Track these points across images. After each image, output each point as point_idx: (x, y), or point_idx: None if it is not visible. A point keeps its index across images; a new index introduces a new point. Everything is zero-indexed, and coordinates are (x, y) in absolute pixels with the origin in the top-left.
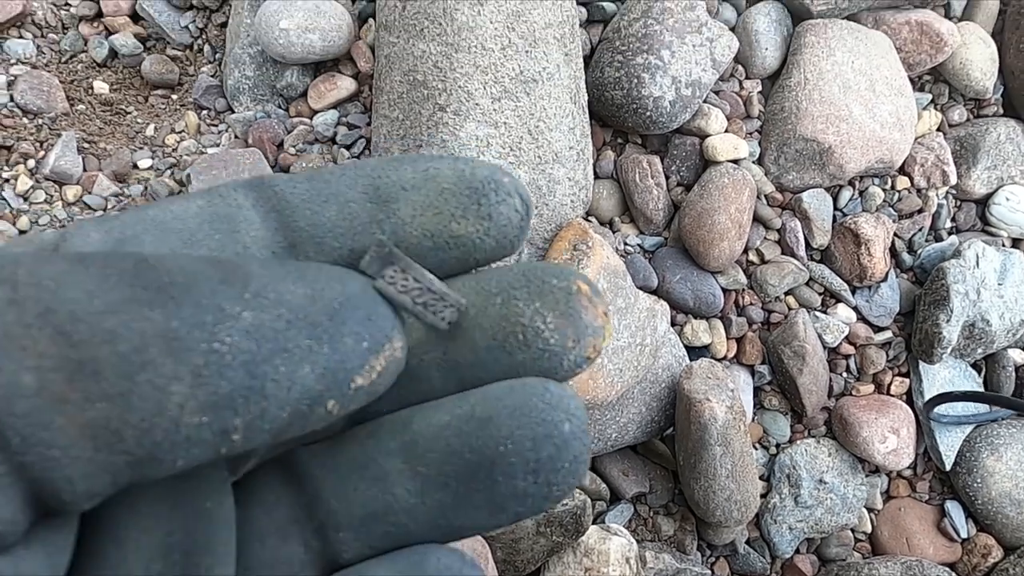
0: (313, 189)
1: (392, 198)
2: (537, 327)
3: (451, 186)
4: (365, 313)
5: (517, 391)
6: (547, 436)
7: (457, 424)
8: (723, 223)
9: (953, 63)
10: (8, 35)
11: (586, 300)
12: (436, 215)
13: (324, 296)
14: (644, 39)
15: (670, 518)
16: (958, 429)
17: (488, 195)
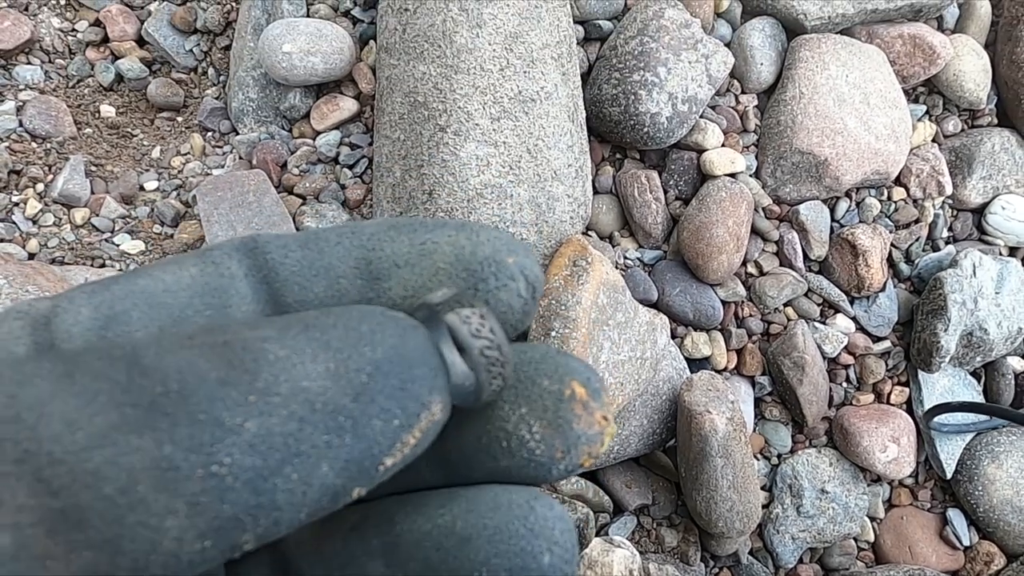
0: (305, 260)
1: (384, 275)
2: (522, 436)
3: (447, 266)
4: (399, 381)
5: (502, 511)
6: (524, 569)
7: (438, 537)
8: (721, 236)
9: (947, 75)
10: (17, 61)
11: (580, 407)
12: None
13: (350, 367)
14: (641, 56)
15: (673, 529)
16: (958, 437)
17: (487, 280)
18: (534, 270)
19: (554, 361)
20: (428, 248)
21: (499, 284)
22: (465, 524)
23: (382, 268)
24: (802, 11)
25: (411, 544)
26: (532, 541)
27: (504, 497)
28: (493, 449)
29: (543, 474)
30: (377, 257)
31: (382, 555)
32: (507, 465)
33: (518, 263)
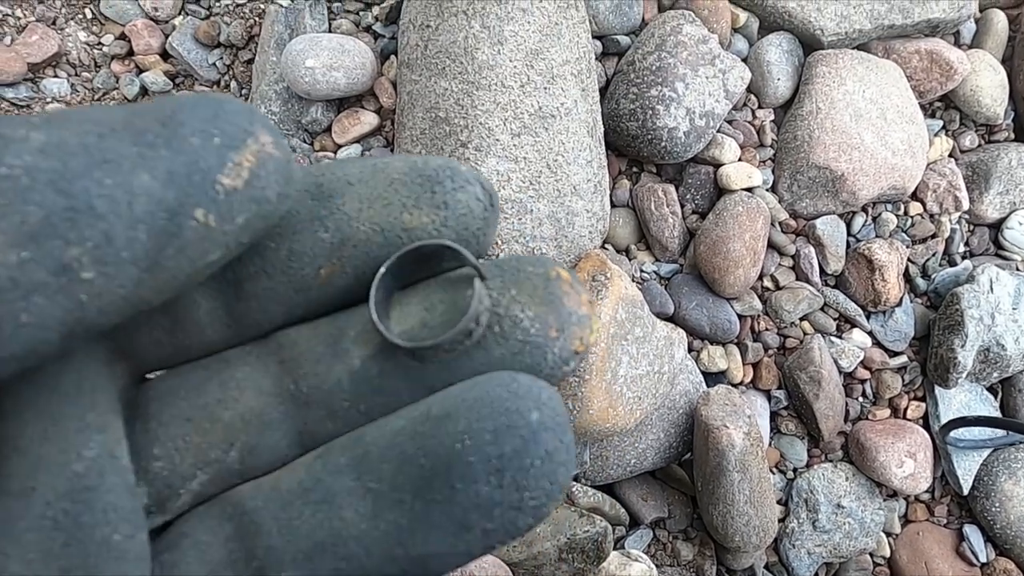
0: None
1: (336, 192)
2: (514, 315)
3: (401, 176)
4: (211, 111)
5: (481, 384)
6: (510, 427)
7: (411, 427)
8: (738, 250)
9: (964, 90)
10: (44, 75)
11: (567, 286)
12: (385, 206)
13: (151, 108)
14: (658, 72)
15: (689, 543)
16: (975, 453)
17: (443, 182)
18: (488, 182)
19: (533, 257)
20: (379, 166)
21: (456, 186)
22: (441, 406)
23: (334, 187)
24: (819, 27)
25: (383, 447)
26: (516, 401)
27: (483, 376)
28: (485, 338)
29: (538, 360)
30: (327, 180)
31: (351, 469)
32: (500, 355)
33: (471, 171)
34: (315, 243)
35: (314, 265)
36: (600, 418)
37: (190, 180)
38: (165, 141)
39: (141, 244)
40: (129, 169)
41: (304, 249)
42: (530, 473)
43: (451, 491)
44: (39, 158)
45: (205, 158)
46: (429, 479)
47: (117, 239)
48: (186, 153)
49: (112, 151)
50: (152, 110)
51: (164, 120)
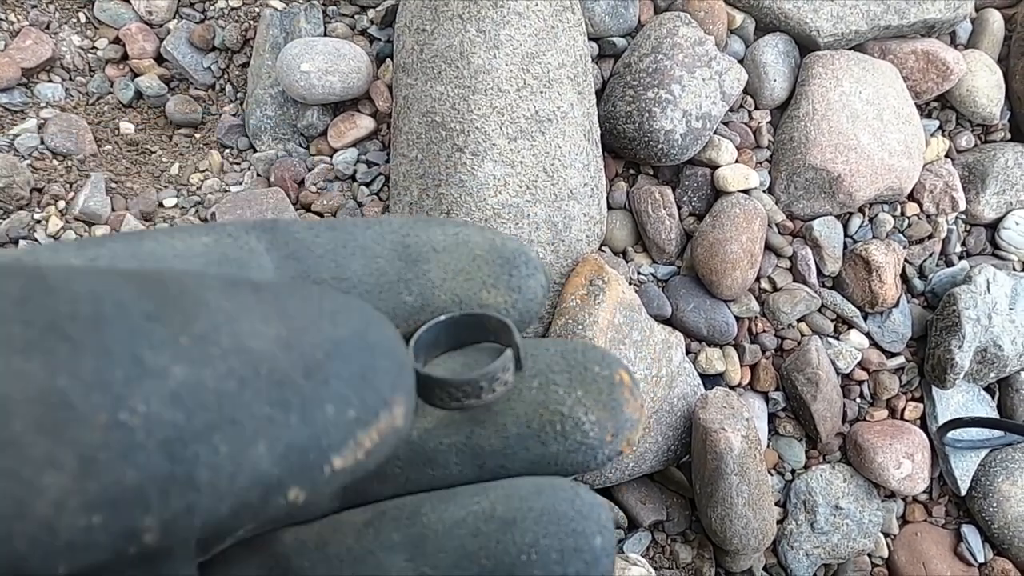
0: (337, 239)
1: (423, 258)
2: (578, 418)
3: (483, 253)
4: (360, 367)
5: (546, 493)
6: (577, 551)
7: (474, 523)
8: (735, 252)
9: (960, 90)
10: (38, 79)
11: (628, 393)
12: (467, 281)
13: (305, 340)
14: (655, 74)
15: (688, 545)
16: (973, 454)
17: (519, 267)
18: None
19: (598, 352)
20: (463, 237)
21: (528, 272)
22: (506, 508)
23: (421, 252)
24: (815, 27)
25: (441, 534)
26: (582, 523)
27: (545, 483)
28: (545, 433)
29: (590, 458)
30: (414, 242)
31: (405, 549)
32: (556, 450)
33: (538, 260)
34: (399, 304)
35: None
36: None
37: (304, 459)
38: (301, 403)
39: (217, 516)
40: (251, 437)
41: (388, 310)
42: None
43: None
44: (167, 406)
45: (331, 435)
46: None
47: (199, 511)
48: (315, 425)
49: (244, 410)
50: (306, 339)
51: (311, 368)
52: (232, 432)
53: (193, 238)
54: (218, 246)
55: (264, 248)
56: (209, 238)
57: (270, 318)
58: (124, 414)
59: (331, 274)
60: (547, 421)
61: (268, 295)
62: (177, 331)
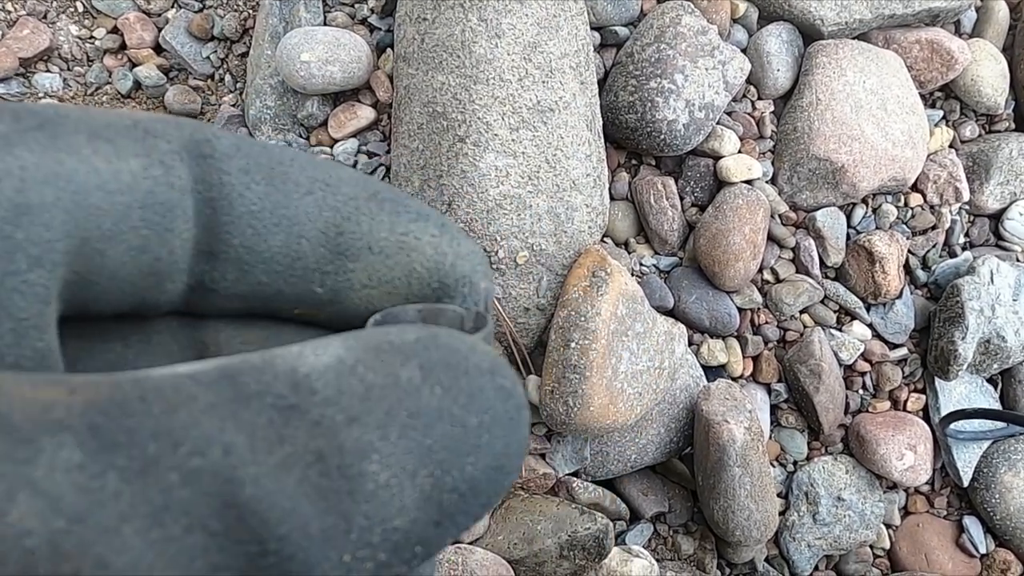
0: (268, 201)
1: (352, 255)
2: None
3: (423, 271)
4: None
5: None
6: None
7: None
8: (738, 243)
9: (964, 80)
10: (36, 69)
11: None
12: (390, 294)
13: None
14: (658, 63)
15: (690, 537)
16: (975, 445)
17: (456, 298)
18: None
19: None
20: (409, 243)
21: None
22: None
23: (353, 246)
24: (819, 16)
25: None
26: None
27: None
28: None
29: None
30: (351, 230)
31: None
32: None
33: (487, 289)
34: (307, 293)
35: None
36: (601, 415)
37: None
38: (422, 553)
39: None
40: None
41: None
42: None
43: None
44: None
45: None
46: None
47: None
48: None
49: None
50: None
51: (439, 521)
52: None
53: (121, 160)
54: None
55: (191, 186)
56: (138, 163)
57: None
58: None
59: (243, 241)
60: None
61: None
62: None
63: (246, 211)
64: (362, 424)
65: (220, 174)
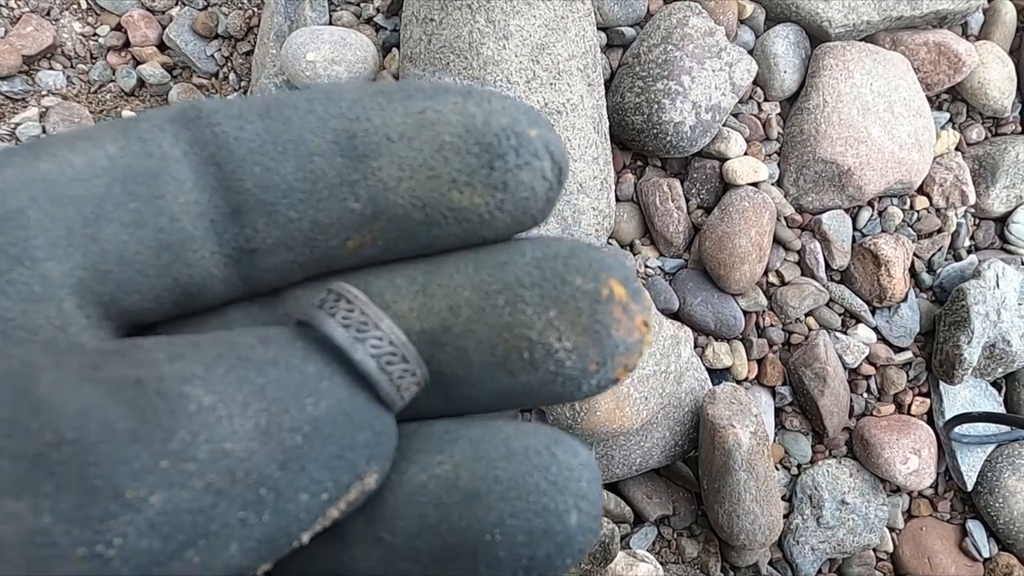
0: (267, 133)
1: (373, 152)
2: (549, 345)
3: (454, 139)
4: (339, 447)
5: (517, 458)
6: (546, 532)
7: (436, 491)
8: (744, 246)
9: (971, 82)
10: (39, 67)
11: (619, 310)
12: (431, 179)
13: (284, 424)
14: (664, 65)
15: (694, 540)
16: (979, 449)
17: (506, 155)
18: (560, 147)
19: (586, 256)
20: (428, 117)
21: (520, 162)
22: (471, 476)
23: (370, 143)
24: (827, 18)
25: (401, 500)
26: (556, 497)
27: (518, 443)
28: (511, 362)
29: (570, 391)
30: (363, 129)
31: (361, 513)
32: (526, 381)
33: (542, 137)
34: (344, 214)
35: (341, 237)
36: (607, 419)
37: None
38: (275, 499)
39: None
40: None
41: (331, 221)
42: (558, 569)
43: (473, 569)
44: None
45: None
46: (452, 553)
47: None
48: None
49: (219, 520)
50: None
51: (288, 458)
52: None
53: (97, 148)
54: (124, 157)
55: (182, 152)
56: (115, 146)
57: (250, 403)
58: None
59: (256, 182)
60: (513, 348)
61: (250, 371)
62: (158, 452)
63: (247, 151)
64: (185, 360)
65: (211, 127)
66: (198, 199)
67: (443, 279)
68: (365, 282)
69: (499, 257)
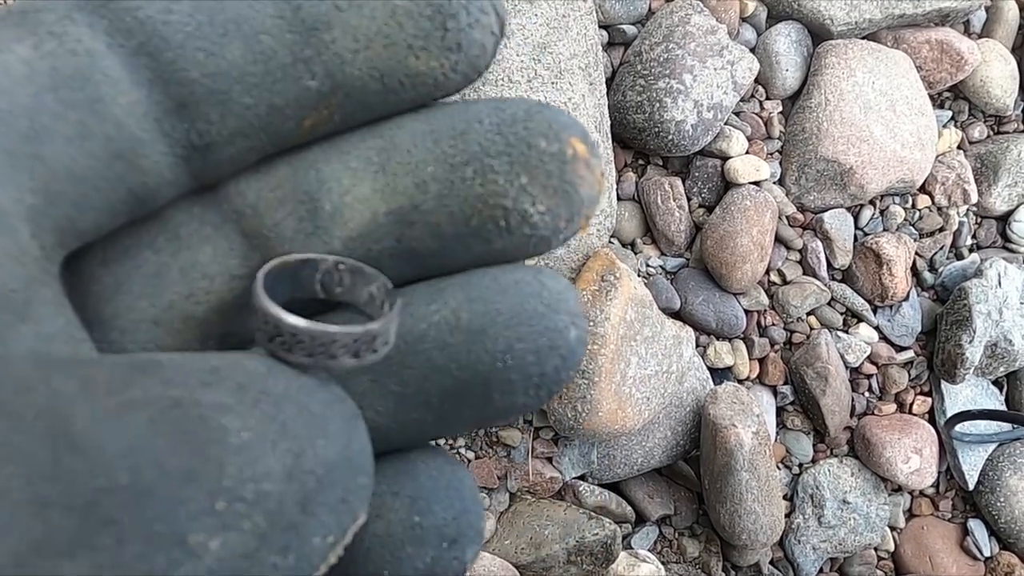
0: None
1: (323, 24)
2: (524, 211)
3: (406, 3)
4: (343, 491)
5: (511, 293)
6: (552, 348)
7: (438, 335)
8: (745, 245)
9: (973, 80)
10: None
11: (583, 167)
12: (387, 47)
13: (303, 466)
14: (666, 63)
15: (695, 539)
16: (981, 448)
17: (457, 15)
18: (501, 1)
19: (544, 117)
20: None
21: (471, 20)
22: (472, 315)
23: (319, 15)
24: (829, 16)
25: (404, 352)
26: (554, 318)
27: (507, 277)
28: (487, 230)
29: (543, 248)
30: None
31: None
32: (501, 246)
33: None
34: (301, 93)
35: (297, 118)
36: (609, 420)
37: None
38: (297, 544)
39: None
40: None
41: (287, 103)
42: (561, 383)
43: (486, 399)
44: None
45: (312, 563)
46: (464, 388)
47: None
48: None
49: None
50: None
51: (305, 502)
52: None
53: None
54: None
55: (104, 45)
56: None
57: (278, 443)
58: None
59: (200, 70)
60: (488, 217)
61: (271, 406)
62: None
63: (183, 36)
64: (215, 388)
65: (129, 13)
66: (138, 98)
67: (402, 156)
68: (317, 170)
69: (456, 126)
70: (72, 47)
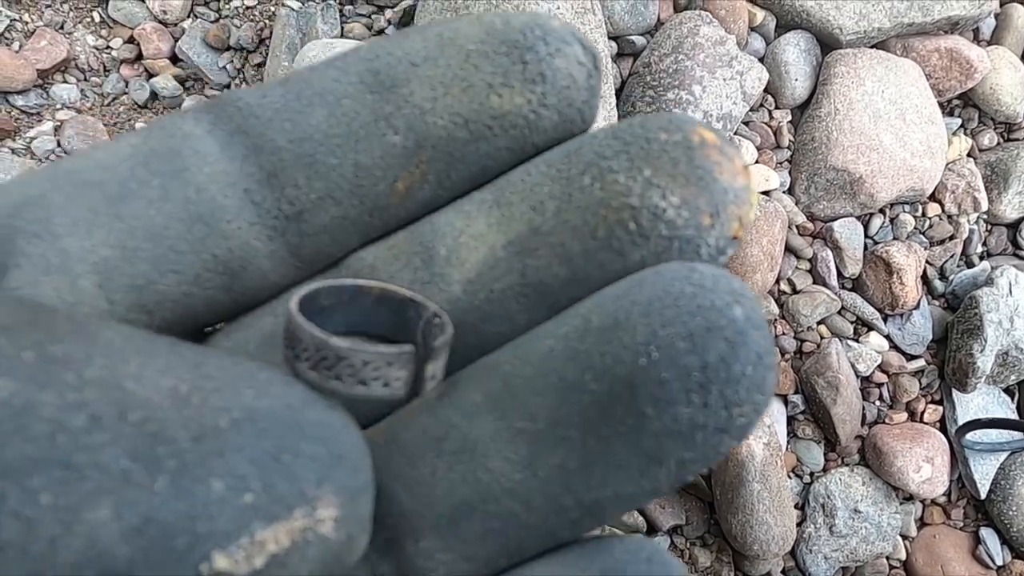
0: (290, 93)
1: (400, 80)
2: (655, 205)
3: (479, 46)
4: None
5: (649, 281)
6: (710, 330)
7: (566, 347)
8: (755, 255)
9: (983, 88)
10: (53, 80)
11: (716, 153)
12: (465, 90)
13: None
14: (675, 75)
15: (706, 549)
16: (992, 457)
17: (535, 47)
18: (586, 37)
19: (664, 116)
20: (447, 36)
21: (551, 50)
22: (603, 313)
23: (396, 73)
24: (838, 25)
25: (529, 376)
26: (709, 295)
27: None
28: (617, 240)
29: (689, 253)
30: (385, 64)
31: (490, 408)
32: (640, 257)
33: (566, 26)
34: (386, 150)
35: (388, 179)
36: None
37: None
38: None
39: None
40: (90, 492)
41: (373, 161)
42: (741, 384)
43: (639, 417)
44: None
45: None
46: (606, 406)
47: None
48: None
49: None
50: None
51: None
52: (62, 478)
53: (120, 144)
54: (146, 143)
55: (205, 130)
56: (137, 138)
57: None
58: None
59: (287, 137)
60: (615, 223)
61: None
62: (24, 346)
63: (272, 112)
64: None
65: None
66: (226, 169)
67: (515, 187)
68: (430, 223)
69: (568, 146)
70: (172, 132)
